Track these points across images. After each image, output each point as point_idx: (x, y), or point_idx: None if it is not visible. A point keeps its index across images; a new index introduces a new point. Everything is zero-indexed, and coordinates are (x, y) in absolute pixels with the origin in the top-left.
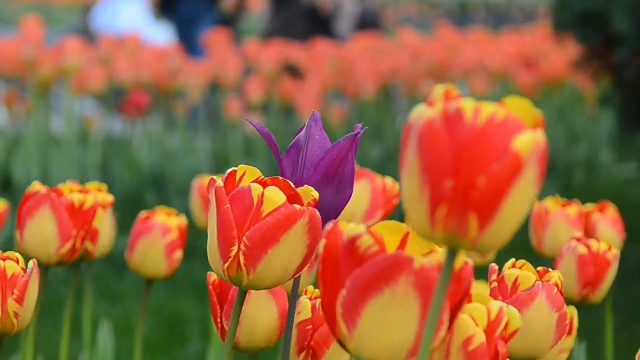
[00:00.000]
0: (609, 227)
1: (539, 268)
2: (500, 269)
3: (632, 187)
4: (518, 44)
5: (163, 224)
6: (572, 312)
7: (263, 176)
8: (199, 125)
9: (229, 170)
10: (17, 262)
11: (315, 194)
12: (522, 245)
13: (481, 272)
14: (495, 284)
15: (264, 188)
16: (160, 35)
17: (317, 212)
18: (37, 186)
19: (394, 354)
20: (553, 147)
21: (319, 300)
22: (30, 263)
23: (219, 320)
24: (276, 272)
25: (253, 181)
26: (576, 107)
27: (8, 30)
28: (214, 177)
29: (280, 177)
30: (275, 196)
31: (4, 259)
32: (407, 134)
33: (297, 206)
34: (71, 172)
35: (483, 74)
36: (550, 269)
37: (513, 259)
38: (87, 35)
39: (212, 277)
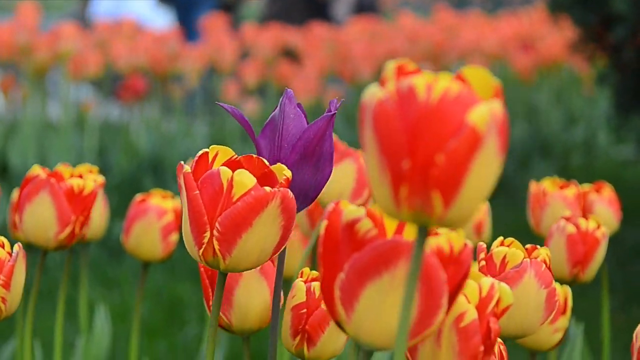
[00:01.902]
0: (605, 207)
1: (527, 246)
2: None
3: (630, 168)
4: (515, 26)
5: (159, 207)
6: (566, 291)
7: (236, 155)
8: (197, 110)
9: (200, 153)
10: (3, 246)
11: (288, 173)
12: (522, 226)
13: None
14: (483, 262)
15: (236, 169)
16: (164, 20)
17: (290, 192)
18: (37, 170)
19: (392, 339)
20: (551, 129)
21: (313, 283)
22: (16, 247)
23: (211, 303)
24: (253, 255)
25: (226, 161)
26: (573, 89)
27: (6, 16)
28: (182, 162)
29: (254, 156)
30: (245, 179)
31: None
32: (363, 116)
33: (268, 188)
34: (68, 158)
35: (480, 56)
36: (538, 247)
37: (501, 237)
38: (85, 22)
39: None
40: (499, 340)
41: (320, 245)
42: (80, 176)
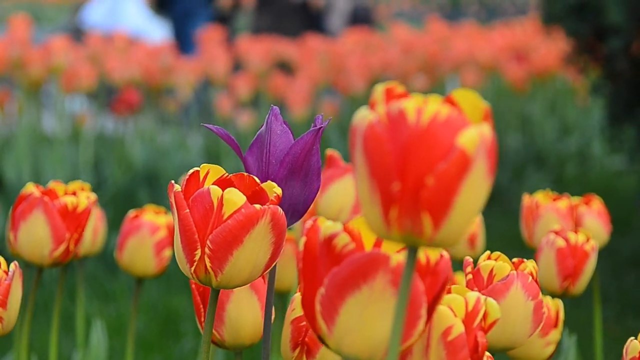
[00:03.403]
0: (595, 219)
1: (514, 259)
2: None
3: (624, 178)
4: (509, 37)
5: (152, 223)
6: (558, 305)
7: (227, 174)
8: (191, 122)
9: (191, 171)
10: None
11: (279, 190)
12: (516, 237)
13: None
14: (470, 276)
15: (227, 187)
16: (160, 32)
17: (280, 209)
18: (30, 188)
19: (373, 351)
20: (545, 139)
21: None
22: (12, 266)
23: (202, 319)
24: (244, 272)
25: (217, 180)
26: (567, 100)
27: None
28: (172, 181)
29: (246, 174)
30: (235, 197)
31: None
32: (353, 139)
33: (258, 206)
34: (63, 171)
35: (474, 67)
36: (524, 260)
37: (488, 252)
38: (78, 34)
39: None
40: (488, 353)
41: (300, 262)
42: (74, 193)
